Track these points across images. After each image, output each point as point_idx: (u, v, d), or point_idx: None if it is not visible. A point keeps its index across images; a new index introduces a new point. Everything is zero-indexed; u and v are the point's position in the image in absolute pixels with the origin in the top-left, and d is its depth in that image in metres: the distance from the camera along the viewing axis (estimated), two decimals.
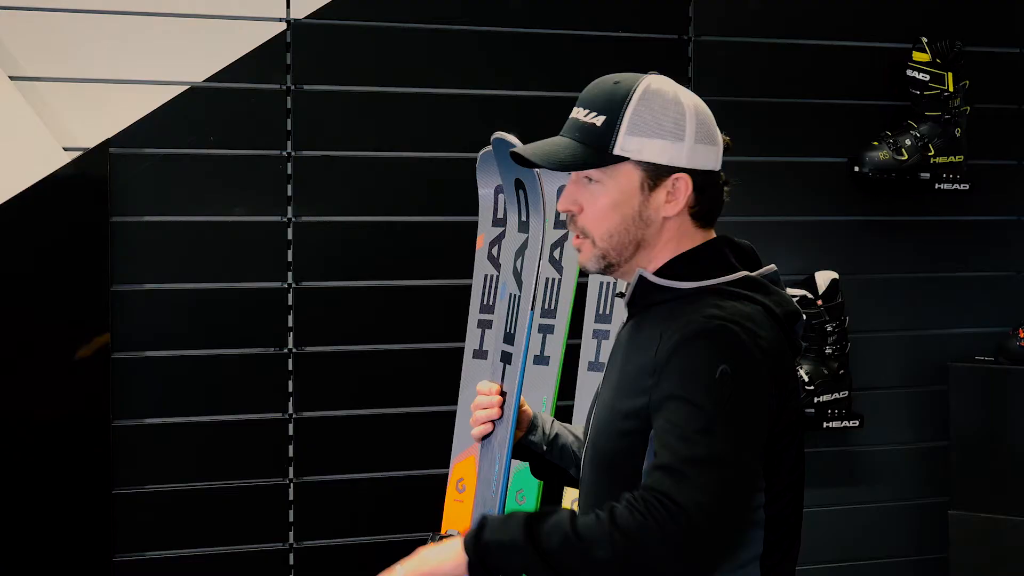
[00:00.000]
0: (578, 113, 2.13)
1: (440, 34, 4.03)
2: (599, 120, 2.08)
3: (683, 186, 2.07)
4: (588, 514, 1.92)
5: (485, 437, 2.43)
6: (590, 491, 2.13)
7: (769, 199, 4.30)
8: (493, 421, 2.40)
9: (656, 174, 2.07)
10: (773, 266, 2.13)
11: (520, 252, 2.75)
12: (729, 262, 2.09)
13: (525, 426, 2.38)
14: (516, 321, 2.65)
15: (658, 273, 2.09)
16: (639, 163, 2.06)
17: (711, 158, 2.10)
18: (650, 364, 1.99)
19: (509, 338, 2.65)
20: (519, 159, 2.18)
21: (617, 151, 2.06)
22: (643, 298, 2.10)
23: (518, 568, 1.94)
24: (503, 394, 2.41)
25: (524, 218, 2.80)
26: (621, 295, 2.17)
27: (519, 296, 2.68)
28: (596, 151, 2.07)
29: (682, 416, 1.92)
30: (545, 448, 2.37)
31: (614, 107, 2.08)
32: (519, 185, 2.81)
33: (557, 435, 2.38)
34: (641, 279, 2.10)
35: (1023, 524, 4.32)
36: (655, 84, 2.10)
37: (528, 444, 2.38)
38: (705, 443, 1.90)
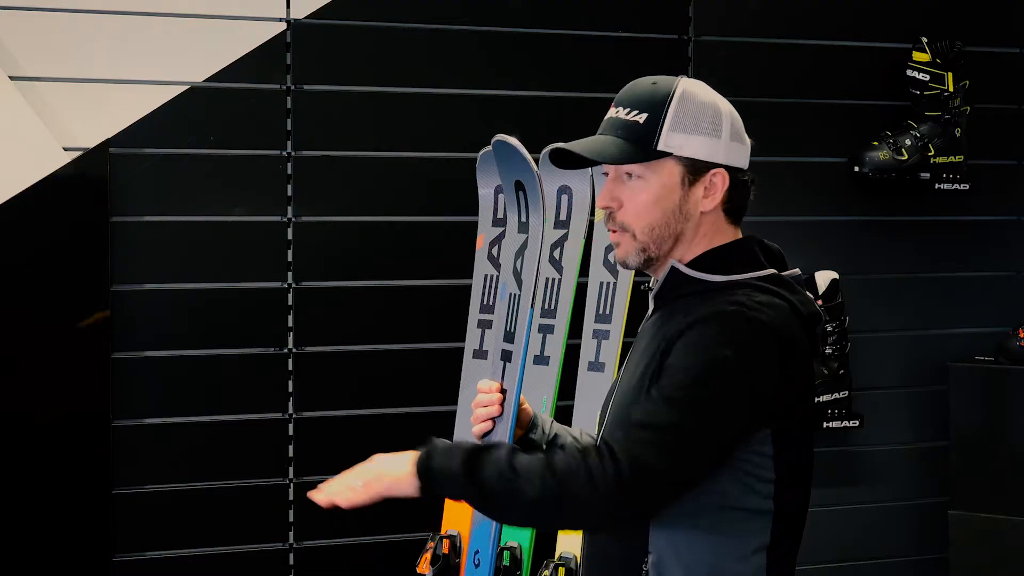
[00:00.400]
0: (618, 112, 2.17)
1: (440, 34, 4.03)
2: (641, 118, 2.13)
3: (720, 181, 2.15)
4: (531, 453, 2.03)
5: (485, 435, 2.45)
6: None
7: (769, 199, 4.27)
8: (493, 419, 2.43)
9: (695, 169, 2.14)
10: (798, 270, 2.20)
11: (520, 252, 2.76)
12: (759, 259, 2.16)
13: (525, 424, 2.41)
14: (516, 320, 2.67)
15: (689, 265, 2.15)
16: (680, 159, 2.13)
17: (743, 156, 2.19)
18: (671, 337, 2.06)
19: (509, 336, 2.66)
20: (561, 158, 2.21)
21: (661, 147, 2.12)
22: (672, 290, 2.16)
23: (459, 495, 2.08)
24: (503, 392, 2.43)
25: (524, 219, 2.81)
26: (649, 289, 2.22)
27: (519, 295, 2.70)
28: (640, 147, 2.12)
29: (664, 384, 2.01)
30: (544, 447, 2.40)
31: (656, 105, 2.13)
32: (519, 186, 2.82)
33: (556, 435, 2.42)
34: (673, 270, 2.16)
35: (1023, 524, 4.32)
36: (691, 85, 2.17)
37: (528, 442, 2.41)
38: (668, 411, 1.98)
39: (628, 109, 2.15)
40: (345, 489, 2.17)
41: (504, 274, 2.80)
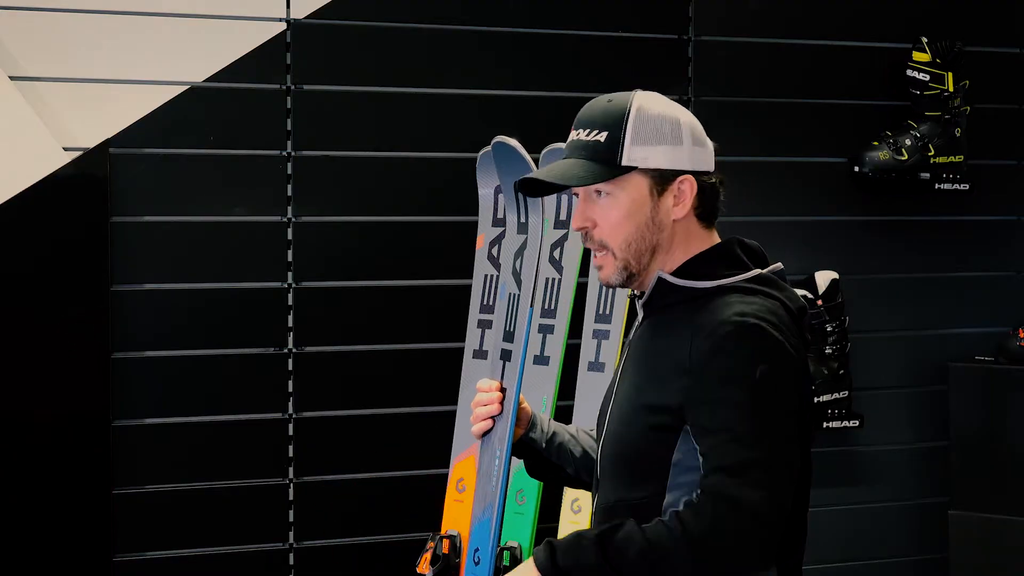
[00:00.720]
0: (579, 135, 2.20)
1: (440, 34, 4.03)
2: (602, 136, 2.16)
3: (688, 188, 2.17)
4: (651, 523, 2.04)
5: (485, 433, 2.47)
6: (610, 485, 2.20)
7: (769, 199, 4.30)
8: (493, 417, 2.44)
9: (662, 179, 2.16)
10: (779, 264, 2.22)
11: (519, 253, 2.77)
12: (742, 260, 2.18)
13: (525, 424, 2.43)
14: (516, 320, 2.67)
15: (675, 274, 2.17)
16: (646, 171, 2.15)
17: (707, 160, 2.20)
18: (685, 362, 2.08)
19: (508, 336, 2.67)
20: (530, 187, 2.24)
21: (625, 162, 2.15)
22: (661, 298, 2.18)
23: None
24: (503, 391, 2.44)
25: (523, 219, 2.82)
26: (637, 297, 2.24)
27: (519, 295, 2.70)
28: (605, 165, 2.15)
29: (731, 419, 2.03)
30: (544, 446, 2.43)
31: (614, 122, 2.16)
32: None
33: (555, 433, 2.44)
34: (660, 281, 2.18)
35: (1023, 524, 4.32)
36: (646, 98, 2.19)
37: (528, 441, 2.43)
38: (757, 445, 2.02)
39: (588, 130, 2.18)
40: None
41: (504, 274, 2.80)
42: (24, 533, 3.62)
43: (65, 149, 3.63)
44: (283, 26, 3.86)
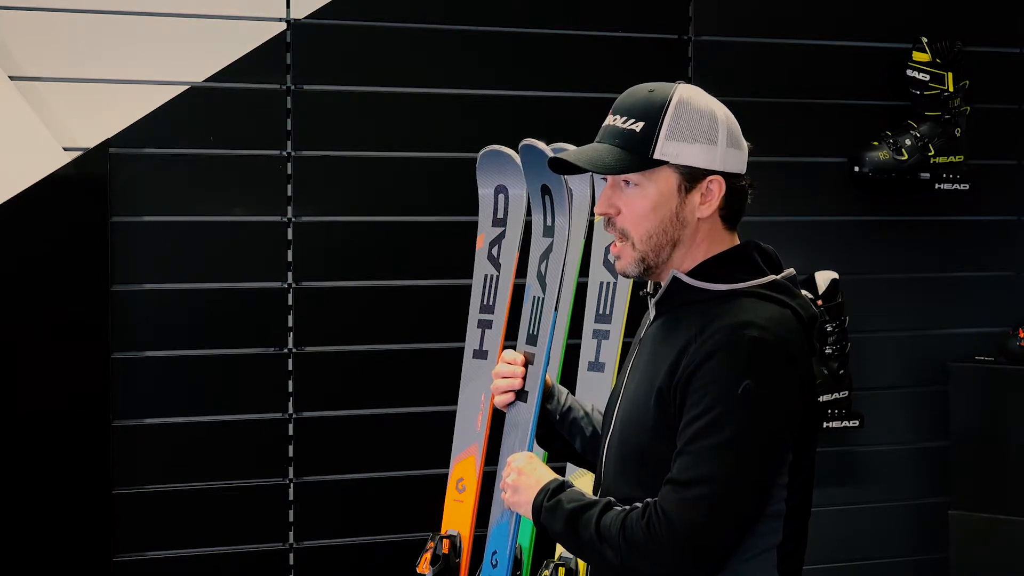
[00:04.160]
0: (615, 120, 2.18)
1: (440, 34, 4.03)
2: (638, 126, 2.15)
3: (717, 188, 2.16)
4: (617, 508, 2.11)
5: (508, 405, 2.52)
6: (615, 483, 2.21)
7: (769, 199, 4.28)
8: (515, 391, 2.48)
9: (692, 177, 2.15)
10: (792, 270, 2.21)
11: (545, 255, 2.78)
12: (758, 265, 2.17)
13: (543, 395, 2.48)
14: (539, 323, 2.69)
15: (691, 274, 2.17)
16: (677, 166, 2.14)
17: (740, 162, 2.20)
18: (685, 363, 2.08)
19: (532, 339, 2.69)
20: (559, 165, 2.24)
21: (657, 155, 2.14)
22: (675, 298, 2.18)
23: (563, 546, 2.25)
24: (526, 365, 2.49)
25: (549, 222, 2.82)
26: (649, 295, 2.25)
27: (543, 299, 2.72)
28: (637, 155, 2.14)
29: (699, 430, 2.03)
30: (558, 418, 2.47)
31: (652, 114, 2.14)
32: (545, 190, 2.84)
33: (570, 408, 2.47)
34: (675, 280, 2.17)
35: (1023, 524, 4.32)
36: (688, 92, 2.18)
37: (543, 412, 2.47)
38: (712, 461, 2.02)
39: (625, 117, 2.16)
40: (505, 481, 2.30)
41: (529, 277, 2.81)
42: (24, 533, 3.62)
43: (65, 149, 3.63)
44: (283, 26, 3.87)
